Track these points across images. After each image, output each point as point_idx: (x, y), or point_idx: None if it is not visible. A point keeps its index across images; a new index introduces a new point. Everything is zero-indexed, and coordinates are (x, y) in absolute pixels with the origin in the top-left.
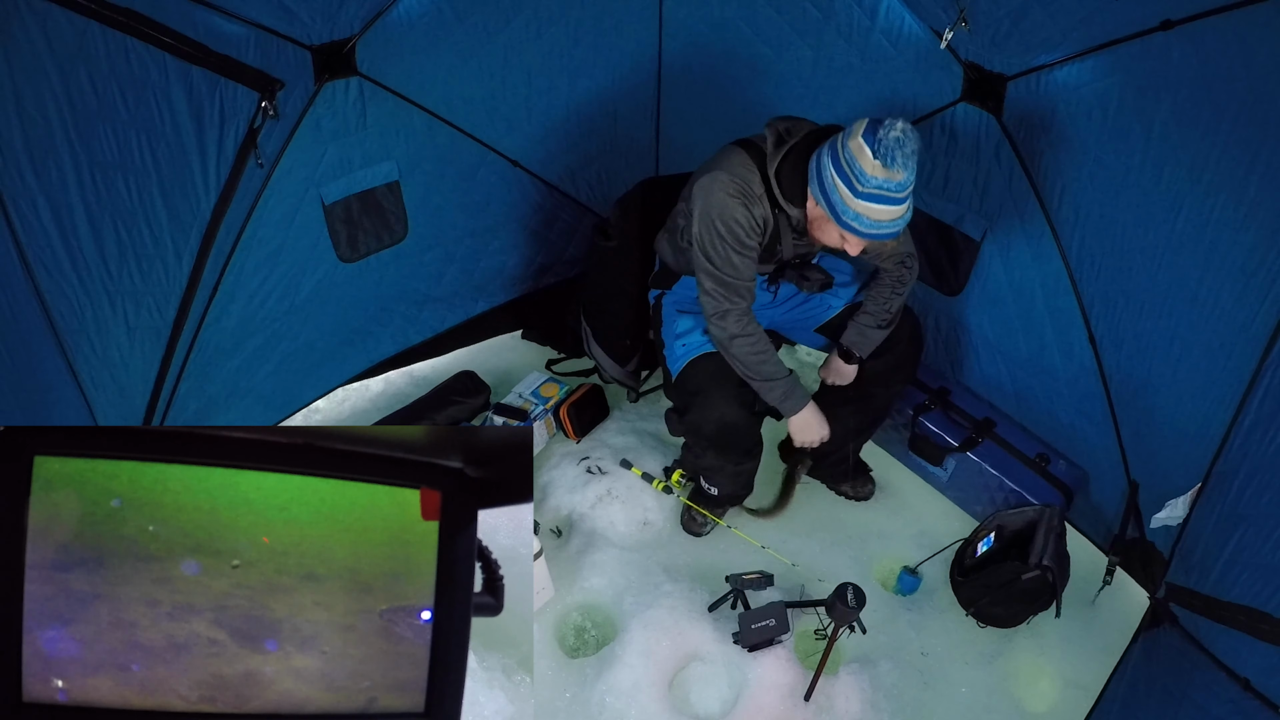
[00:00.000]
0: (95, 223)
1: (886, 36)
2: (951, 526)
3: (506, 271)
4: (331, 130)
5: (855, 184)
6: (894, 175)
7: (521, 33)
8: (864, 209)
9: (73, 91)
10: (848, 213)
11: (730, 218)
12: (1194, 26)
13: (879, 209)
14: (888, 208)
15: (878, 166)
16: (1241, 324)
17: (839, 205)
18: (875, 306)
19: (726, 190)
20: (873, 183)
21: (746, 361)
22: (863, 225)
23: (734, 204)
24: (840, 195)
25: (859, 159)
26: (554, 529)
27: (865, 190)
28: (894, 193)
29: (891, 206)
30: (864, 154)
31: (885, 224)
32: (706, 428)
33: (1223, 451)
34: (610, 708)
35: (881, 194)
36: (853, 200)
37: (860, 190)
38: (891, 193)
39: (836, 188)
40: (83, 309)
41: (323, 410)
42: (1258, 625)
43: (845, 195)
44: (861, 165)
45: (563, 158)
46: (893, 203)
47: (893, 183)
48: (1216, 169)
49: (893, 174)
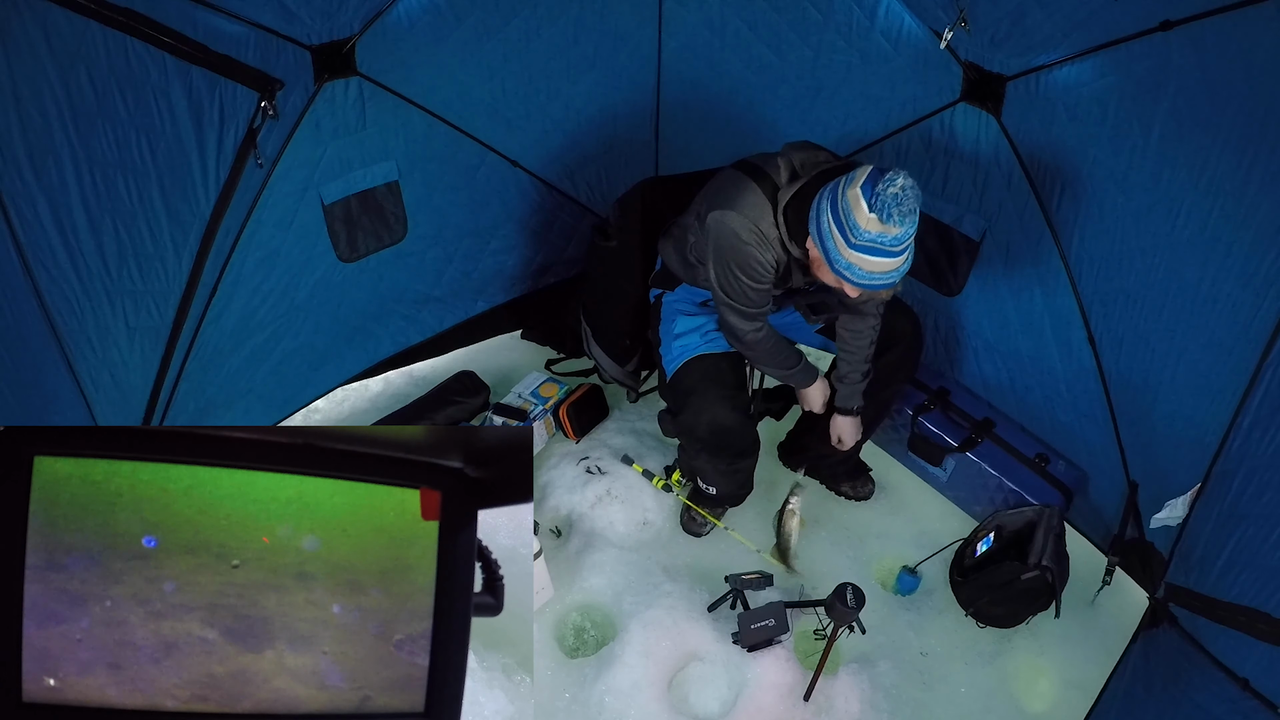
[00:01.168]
0: (95, 223)
1: (886, 37)
2: (951, 526)
3: (506, 271)
4: (331, 130)
5: (850, 235)
6: (889, 230)
7: (521, 32)
8: (857, 260)
9: (73, 91)
10: (840, 261)
11: (744, 263)
12: (1194, 26)
13: (873, 260)
14: (882, 260)
15: (873, 220)
16: (1241, 324)
17: (833, 253)
18: (855, 361)
19: (739, 235)
20: (866, 236)
21: (767, 359)
22: (855, 275)
23: (748, 250)
24: (835, 244)
25: (855, 211)
26: (553, 529)
27: (859, 242)
28: (889, 246)
29: (886, 259)
30: (860, 207)
31: (880, 275)
32: (699, 429)
33: (1222, 451)
34: (609, 708)
35: (876, 247)
36: (846, 250)
37: (854, 242)
38: (886, 246)
39: (832, 235)
40: (82, 309)
41: (322, 410)
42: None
43: (840, 245)
44: (856, 218)
45: (562, 157)
46: (888, 255)
47: (888, 237)
48: (1216, 169)
49: (888, 229)
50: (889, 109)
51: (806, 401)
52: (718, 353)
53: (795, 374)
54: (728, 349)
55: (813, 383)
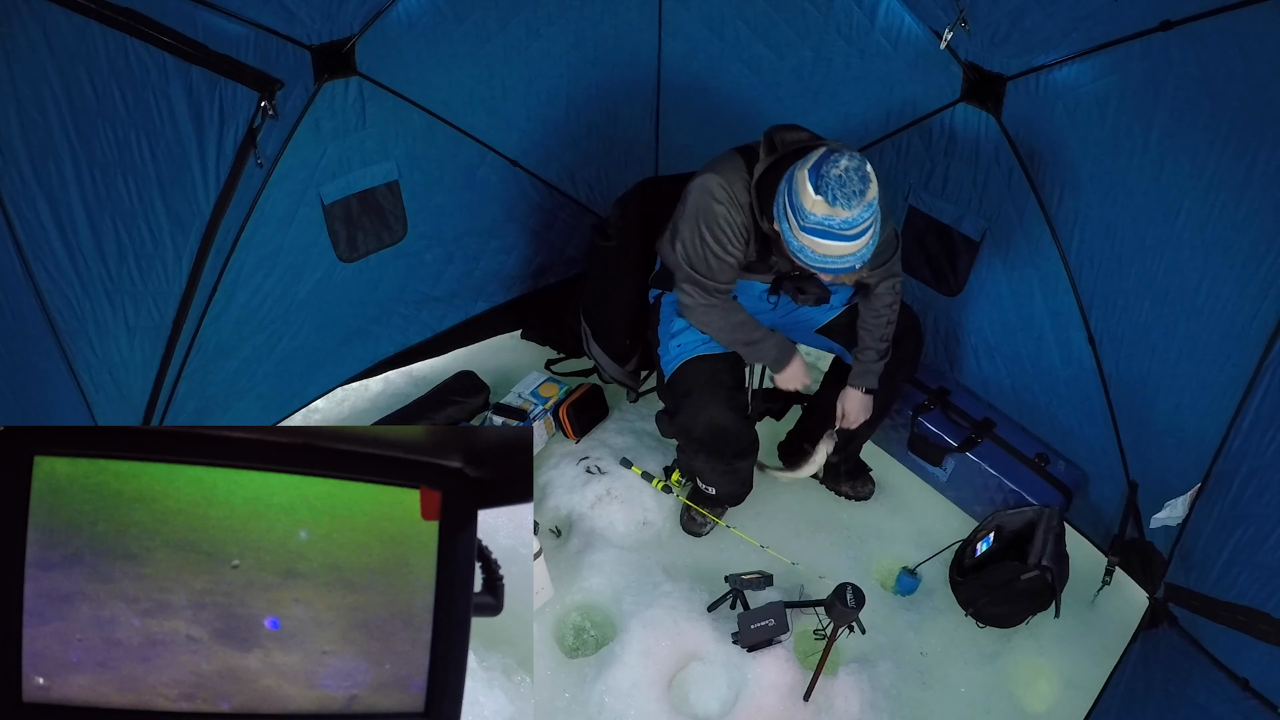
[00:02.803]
0: (95, 223)
1: (886, 37)
2: (951, 526)
3: (506, 271)
4: (331, 130)
5: (799, 217)
6: (836, 213)
7: (521, 32)
8: (809, 243)
9: (73, 91)
10: (793, 244)
11: (714, 222)
12: (1194, 26)
13: (824, 244)
14: (834, 243)
15: (819, 203)
16: (1241, 324)
17: (787, 235)
18: (871, 339)
19: (714, 195)
20: (813, 218)
21: (725, 331)
22: (809, 259)
23: (719, 209)
24: (789, 225)
25: (802, 194)
26: (553, 529)
27: (807, 225)
28: (838, 229)
29: (838, 242)
30: (806, 190)
31: (834, 259)
32: (696, 430)
33: (1222, 451)
34: (609, 708)
35: (825, 229)
36: (798, 233)
37: (803, 224)
38: (835, 229)
39: (786, 217)
40: (82, 309)
41: (322, 410)
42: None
43: (792, 227)
44: (803, 200)
45: (562, 157)
46: (838, 239)
47: (835, 220)
48: (1216, 169)
49: (835, 211)
50: (889, 109)
51: (786, 381)
52: (716, 353)
53: (762, 348)
54: (726, 349)
55: (789, 360)
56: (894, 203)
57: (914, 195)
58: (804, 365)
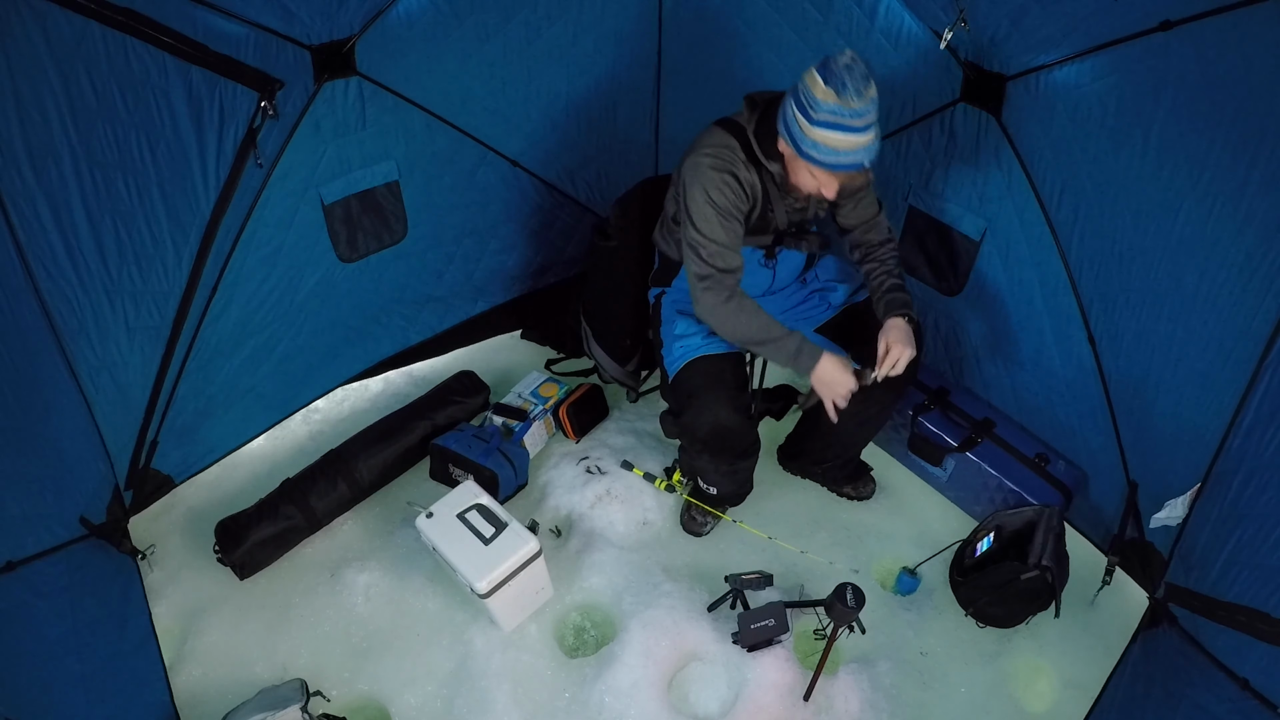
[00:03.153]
0: (95, 223)
1: (886, 36)
2: (951, 526)
3: (506, 271)
4: (331, 130)
5: (810, 112)
6: (847, 102)
7: (521, 32)
8: (821, 137)
9: (73, 91)
10: (805, 141)
11: (715, 188)
12: (1194, 27)
13: (835, 136)
14: (844, 135)
15: (829, 93)
16: (1241, 324)
17: (798, 136)
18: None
19: (711, 164)
20: (825, 108)
21: (743, 327)
22: (821, 154)
23: (717, 176)
24: (799, 126)
25: (812, 89)
26: (553, 529)
27: (819, 118)
28: (848, 119)
29: (848, 135)
30: (816, 83)
31: (845, 152)
32: (700, 430)
33: (1222, 451)
34: (609, 708)
35: (835, 120)
36: (810, 129)
37: (815, 118)
38: (845, 119)
39: (796, 120)
40: (83, 309)
41: (322, 410)
42: (1257, 625)
43: (803, 125)
44: (814, 93)
45: (562, 157)
46: (848, 130)
47: (845, 109)
48: (1216, 169)
49: (845, 101)
50: (889, 109)
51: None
52: (719, 353)
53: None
54: (729, 349)
55: (818, 359)
56: (894, 202)
57: (914, 195)
58: (842, 365)
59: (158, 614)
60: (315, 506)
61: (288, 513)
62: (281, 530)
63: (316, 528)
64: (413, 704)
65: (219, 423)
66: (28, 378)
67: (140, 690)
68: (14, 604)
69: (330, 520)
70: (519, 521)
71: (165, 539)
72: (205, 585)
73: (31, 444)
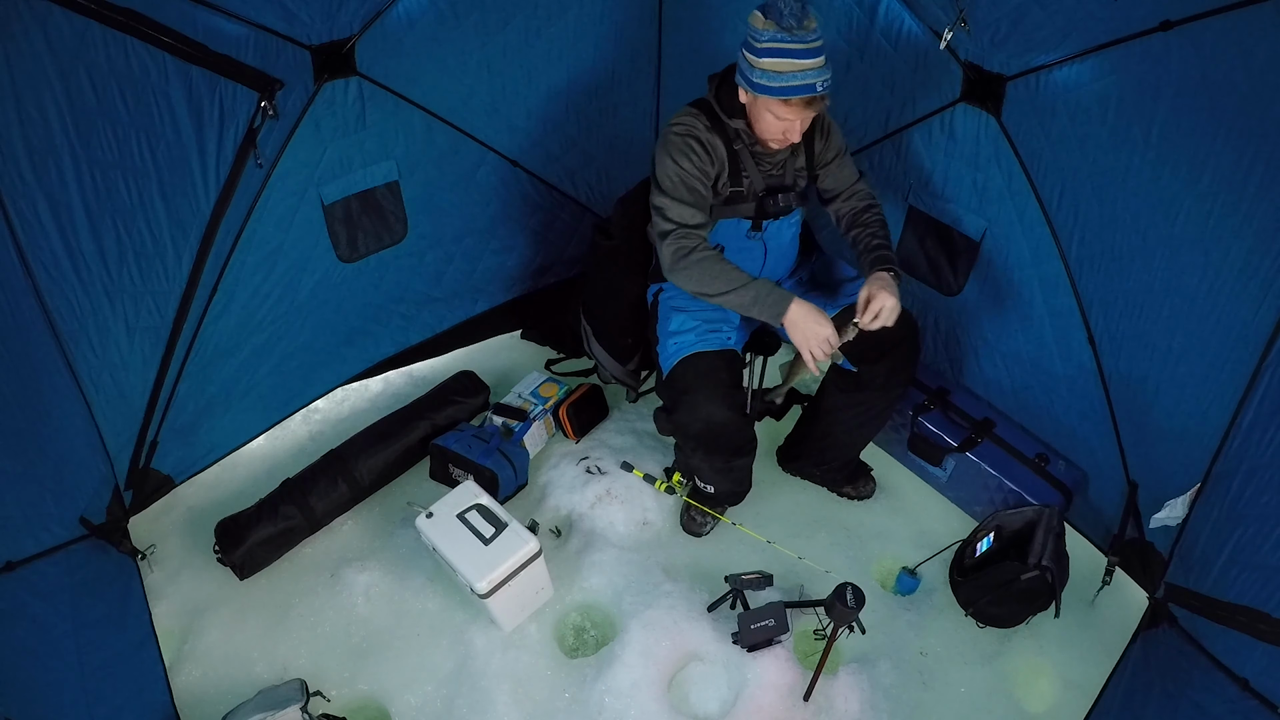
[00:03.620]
0: (95, 223)
1: (886, 36)
2: (951, 526)
3: (506, 271)
4: (331, 130)
5: (754, 44)
6: (787, 30)
7: (521, 32)
8: (766, 64)
9: (73, 91)
10: (754, 73)
11: (677, 150)
12: (1193, 27)
13: (779, 62)
14: (787, 60)
15: (768, 23)
16: (1241, 324)
17: (747, 71)
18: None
19: (672, 134)
20: (765, 36)
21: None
22: (770, 80)
23: (679, 140)
24: (747, 61)
25: (753, 23)
26: (553, 529)
27: (761, 46)
28: (788, 43)
29: (791, 60)
30: (756, 17)
31: (790, 75)
32: (694, 427)
33: (1222, 451)
34: (609, 708)
35: (776, 46)
36: (756, 60)
37: (758, 48)
38: (786, 44)
39: (744, 58)
40: (83, 309)
41: (322, 410)
42: (1257, 625)
43: (750, 59)
44: (754, 26)
45: (563, 158)
46: (791, 55)
47: (785, 35)
48: (1216, 169)
49: (785, 28)
50: (889, 109)
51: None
52: (713, 350)
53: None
54: (723, 346)
55: (788, 303)
56: (894, 202)
57: (914, 195)
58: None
59: (158, 614)
60: (315, 506)
61: (288, 513)
62: (281, 530)
63: (316, 528)
64: (413, 704)
65: (219, 423)
66: (28, 378)
67: (140, 690)
68: (14, 604)
69: (330, 520)
70: (519, 521)
71: (165, 539)
72: (205, 585)
73: (31, 444)
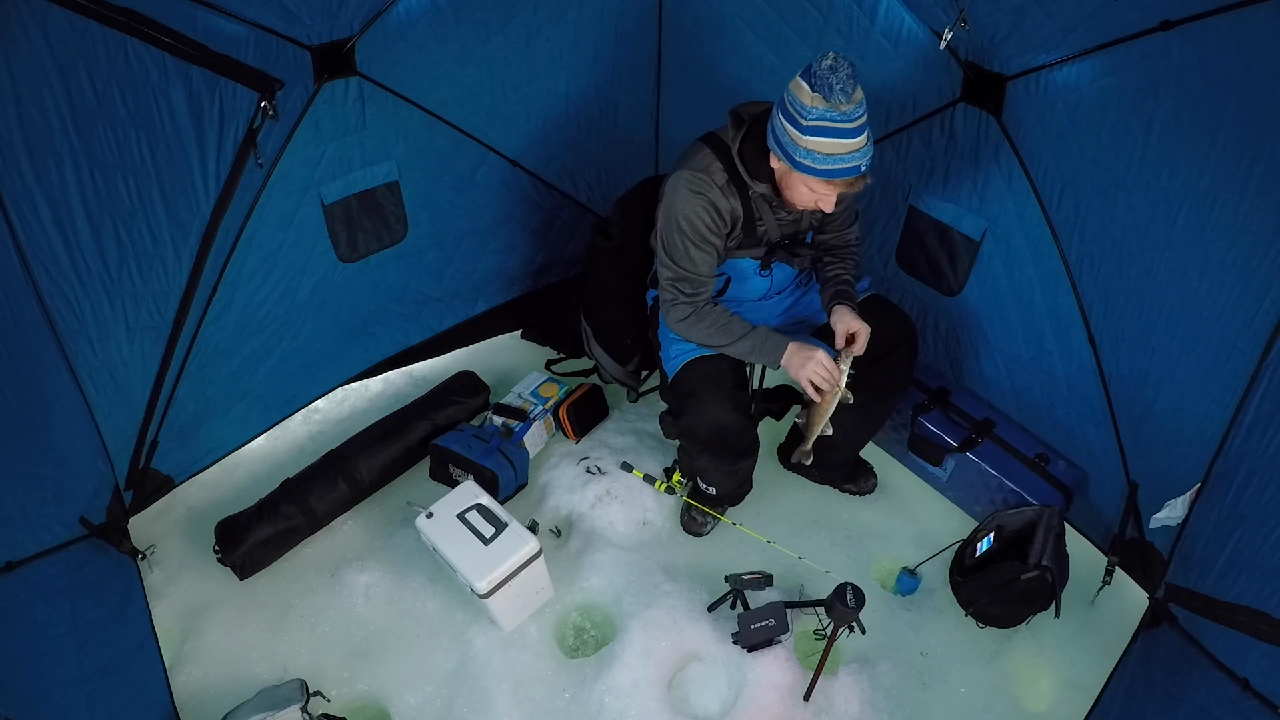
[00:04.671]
0: (95, 223)
1: (886, 36)
2: (951, 526)
3: (506, 271)
4: (331, 130)
5: (799, 120)
6: (835, 105)
7: (521, 32)
8: (813, 144)
9: (73, 91)
10: (798, 151)
11: (692, 214)
12: (1194, 26)
13: (827, 142)
14: (836, 140)
15: (816, 98)
16: (1241, 324)
17: (789, 146)
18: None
19: (689, 187)
20: (814, 114)
21: (706, 334)
22: (816, 162)
23: (695, 201)
24: (790, 136)
25: (799, 95)
26: (553, 529)
27: (809, 124)
28: (838, 123)
29: (840, 139)
30: (802, 89)
31: (839, 158)
32: (700, 430)
33: (1222, 451)
34: (610, 708)
35: (825, 125)
36: (800, 138)
37: (805, 125)
38: (835, 123)
39: (786, 130)
40: (82, 309)
41: (322, 410)
42: (1257, 625)
43: (793, 135)
44: (800, 99)
45: (562, 157)
46: (840, 135)
47: (834, 113)
48: (1216, 169)
49: (834, 104)
50: (889, 109)
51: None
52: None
53: (753, 343)
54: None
55: (783, 348)
56: (894, 202)
57: (914, 195)
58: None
59: (158, 614)
60: (315, 506)
61: (288, 513)
62: (281, 530)
63: (316, 528)
64: (413, 704)
65: (219, 423)
66: (28, 378)
67: (140, 690)
68: (14, 604)
69: (330, 520)
70: (519, 521)
71: (165, 539)
72: (205, 585)
73: (32, 444)
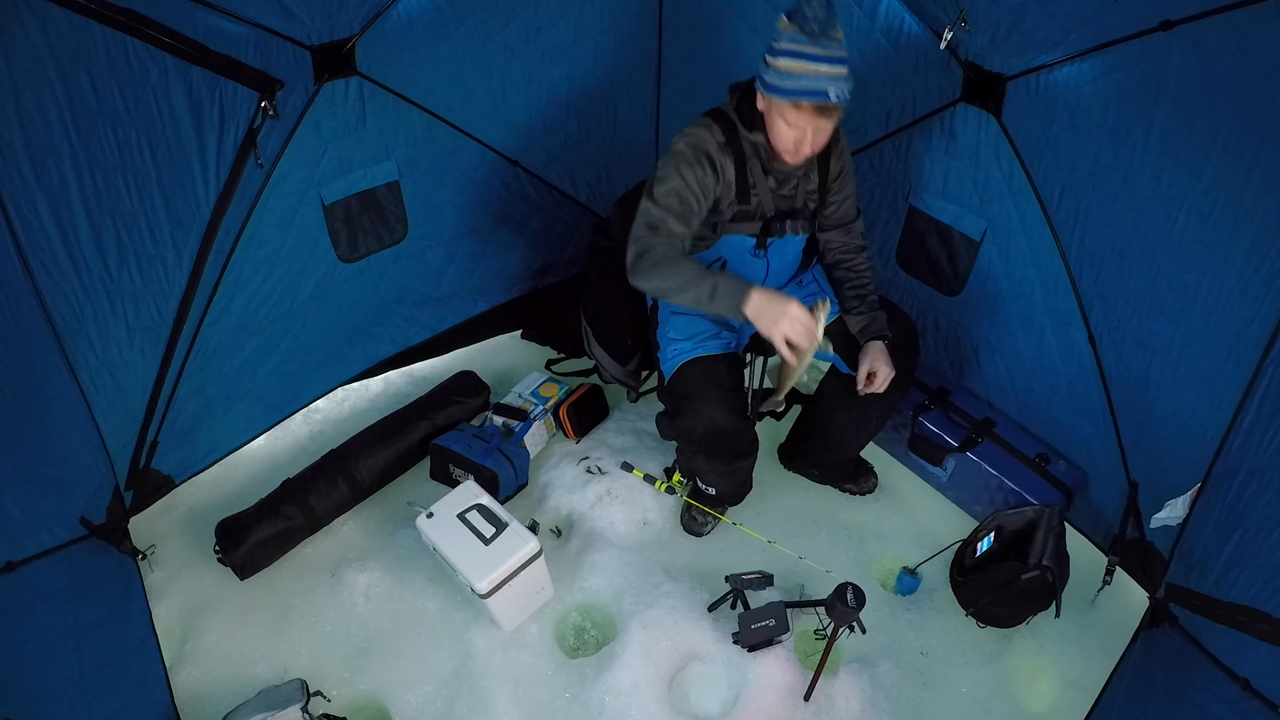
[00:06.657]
0: (95, 223)
1: (886, 36)
2: (951, 526)
3: (506, 271)
4: (331, 130)
5: (773, 46)
6: (809, 34)
7: (521, 32)
8: (782, 65)
9: (73, 91)
10: (768, 73)
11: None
12: (1194, 26)
13: (795, 64)
14: (804, 63)
15: (790, 25)
16: (1241, 323)
17: (763, 72)
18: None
19: (682, 144)
20: (785, 37)
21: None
22: (783, 81)
23: (688, 151)
24: (764, 64)
25: (777, 26)
26: (553, 529)
27: (780, 48)
28: (806, 47)
29: (808, 62)
30: (781, 20)
31: (807, 78)
32: (696, 431)
33: (1222, 451)
34: (610, 708)
35: (795, 49)
36: (772, 60)
37: (776, 49)
38: (805, 47)
39: (764, 61)
40: (83, 309)
41: (323, 410)
42: (1257, 625)
43: (768, 60)
44: (778, 28)
45: (563, 157)
46: (809, 59)
47: (804, 38)
48: (1216, 169)
49: (806, 32)
50: (889, 109)
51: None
52: (714, 355)
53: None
54: (724, 350)
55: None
56: (894, 202)
57: (914, 195)
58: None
59: (158, 614)
60: (315, 506)
61: (288, 513)
62: (282, 530)
63: (316, 528)
64: (413, 704)
65: (219, 423)
66: (28, 378)
67: (140, 690)
68: (14, 604)
69: (330, 520)
70: (519, 521)
71: (165, 539)
72: (205, 585)
73: (32, 444)
